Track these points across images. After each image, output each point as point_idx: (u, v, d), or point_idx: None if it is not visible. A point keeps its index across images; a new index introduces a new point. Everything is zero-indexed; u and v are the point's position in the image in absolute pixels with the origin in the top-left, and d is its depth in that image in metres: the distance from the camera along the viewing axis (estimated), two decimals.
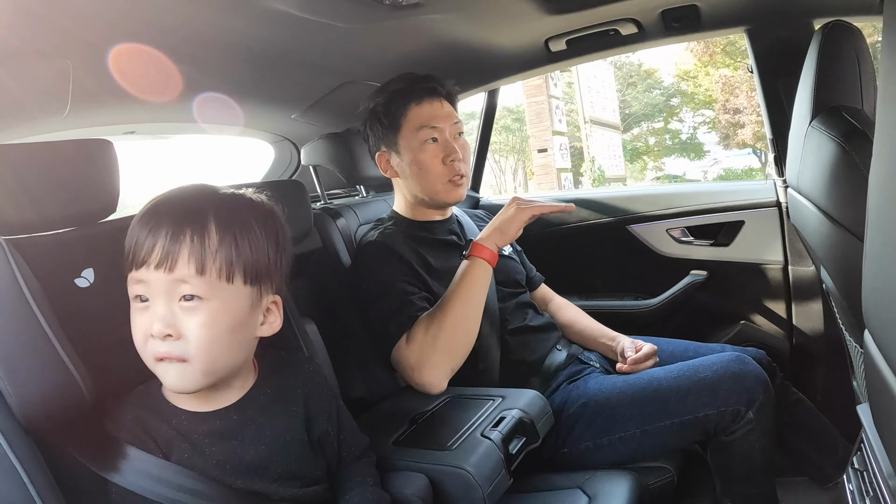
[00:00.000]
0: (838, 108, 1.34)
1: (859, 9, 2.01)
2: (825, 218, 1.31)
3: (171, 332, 0.99)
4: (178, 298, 1.00)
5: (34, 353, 0.97)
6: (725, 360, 1.64)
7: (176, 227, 1.00)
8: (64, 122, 1.70)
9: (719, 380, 1.59)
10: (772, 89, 2.21)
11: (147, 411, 1.07)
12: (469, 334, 1.63)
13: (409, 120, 1.82)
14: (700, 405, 1.58)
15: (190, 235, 1.00)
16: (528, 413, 1.48)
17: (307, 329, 1.49)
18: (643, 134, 24.54)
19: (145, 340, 1.01)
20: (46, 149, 1.16)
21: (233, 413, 1.10)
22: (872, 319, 0.88)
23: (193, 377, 1.02)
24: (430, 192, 1.85)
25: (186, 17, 1.42)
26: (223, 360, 1.05)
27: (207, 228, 1.01)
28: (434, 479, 1.31)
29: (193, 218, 1.01)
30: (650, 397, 1.62)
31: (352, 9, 1.56)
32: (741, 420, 1.56)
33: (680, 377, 1.63)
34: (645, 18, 2.10)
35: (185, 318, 1.00)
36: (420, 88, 1.84)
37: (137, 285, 1.01)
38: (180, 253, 0.99)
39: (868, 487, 1.19)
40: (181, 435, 1.05)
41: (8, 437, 0.95)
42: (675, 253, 2.56)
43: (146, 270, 0.99)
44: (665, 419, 1.60)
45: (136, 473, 1.01)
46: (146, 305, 1.01)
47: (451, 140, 1.84)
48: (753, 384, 1.58)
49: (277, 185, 1.80)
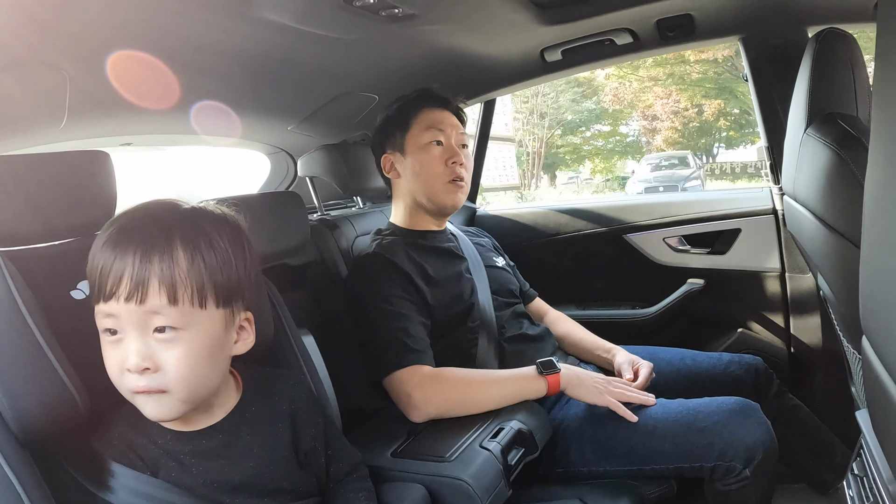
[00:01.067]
0: (833, 115, 1.34)
1: (853, 16, 2.02)
2: (821, 225, 1.31)
3: (148, 365, 0.96)
4: (151, 330, 0.97)
5: (29, 366, 0.96)
6: (727, 409, 1.56)
7: (143, 253, 0.96)
8: (61, 133, 1.70)
9: (718, 433, 1.51)
10: (767, 97, 2.22)
11: (134, 430, 1.05)
12: (481, 407, 1.61)
13: (420, 120, 1.88)
14: (695, 456, 1.52)
15: (158, 260, 0.96)
16: (526, 424, 1.48)
17: (304, 340, 1.48)
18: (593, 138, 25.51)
19: (121, 373, 0.98)
20: (43, 160, 1.15)
21: (218, 432, 1.09)
22: (870, 325, 0.88)
23: (173, 406, 1.00)
24: (429, 191, 1.87)
25: (184, 29, 1.43)
26: (202, 386, 1.03)
27: (174, 249, 0.98)
28: (433, 490, 1.30)
29: (160, 239, 0.97)
30: (644, 440, 1.57)
31: (348, 20, 1.56)
32: (737, 475, 1.49)
33: (678, 422, 1.57)
34: (640, 28, 2.11)
35: (161, 351, 0.97)
36: (435, 97, 1.92)
37: (107, 319, 0.97)
38: (150, 282, 0.95)
39: (868, 493, 1.19)
40: (167, 454, 1.04)
41: (3, 449, 0.95)
42: (672, 262, 2.57)
43: (115, 303, 0.96)
44: (659, 463, 1.56)
45: (127, 491, 1.00)
46: (118, 339, 0.97)
47: (456, 146, 1.88)
48: (753, 443, 1.49)
49: (274, 197, 1.80)
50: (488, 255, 2.06)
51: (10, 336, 0.96)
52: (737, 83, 20.10)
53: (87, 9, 1.22)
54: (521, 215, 2.89)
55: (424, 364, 1.62)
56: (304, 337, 1.52)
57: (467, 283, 1.86)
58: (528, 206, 2.96)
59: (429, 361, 1.63)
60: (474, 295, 1.85)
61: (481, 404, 1.58)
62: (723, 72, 20.22)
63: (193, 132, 2.07)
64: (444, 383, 1.60)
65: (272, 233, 1.64)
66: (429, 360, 1.63)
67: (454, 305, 1.80)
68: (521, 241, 2.77)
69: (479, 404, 1.58)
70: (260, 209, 1.66)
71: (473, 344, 1.80)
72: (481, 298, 1.86)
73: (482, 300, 1.86)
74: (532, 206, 2.98)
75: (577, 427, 1.66)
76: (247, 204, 1.64)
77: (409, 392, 1.57)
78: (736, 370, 1.89)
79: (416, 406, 1.57)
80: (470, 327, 1.81)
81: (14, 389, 0.95)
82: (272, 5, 1.40)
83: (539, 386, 1.63)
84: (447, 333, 1.78)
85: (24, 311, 0.98)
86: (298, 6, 1.44)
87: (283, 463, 1.14)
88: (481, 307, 1.84)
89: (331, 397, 1.49)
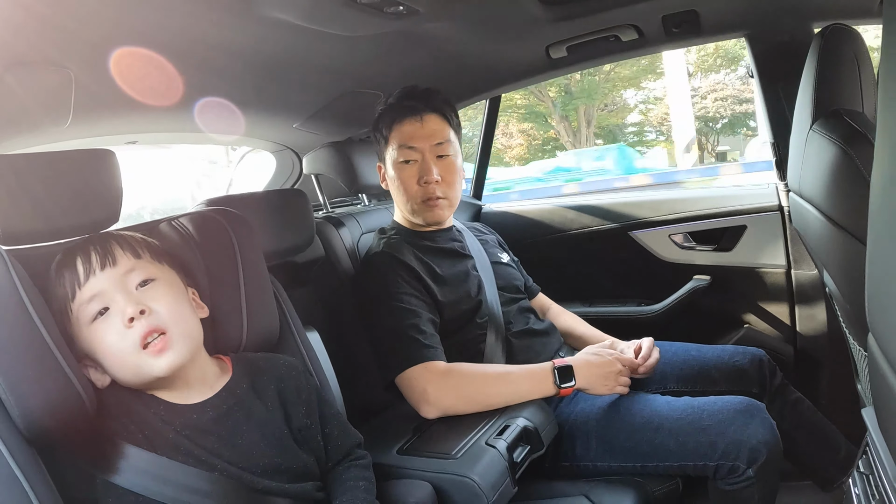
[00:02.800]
0: (839, 111, 1.34)
1: (858, 12, 2.01)
2: (827, 221, 1.31)
3: (143, 307, 1.09)
4: (133, 287, 1.12)
5: (36, 364, 0.97)
6: (732, 408, 1.55)
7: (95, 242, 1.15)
8: (66, 132, 1.70)
9: (722, 432, 1.51)
10: (772, 94, 2.21)
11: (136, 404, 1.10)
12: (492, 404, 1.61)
13: (392, 137, 1.85)
14: (699, 455, 1.52)
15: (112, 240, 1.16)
16: (532, 421, 1.48)
17: (310, 337, 1.49)
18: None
19: (122, 338, 1.08)
20: (49, 159, 1.16)
21: (208, 409, 1.14)
22: (876, 322, 0.88)
23: (179, 348, 1.11)
24: (406, 209, 1.88)
25: (189, 27, 1.43)
26: (193, 325, 1.17)
27: (111, 234, 1.20)
28: (439, 487, 1.31)
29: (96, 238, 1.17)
30: (649, 437, 1.57)
31: (353, 18, 1.56)
32: (740, 475, 1.49)
33: (682, 419, 1.56)
34: (645, 24, 2.10)
35: (147, 299, 1.11)
36: (402, 106, 1.84)
37: (94, 301, 1.09)
38: (114, 249, 1.13)
39: (874, 491, 1.19)
40: (164, 423, 1.10)
41: (10, 446, 0.95)
42: (677, 258, 2.56)
43: (94, 279, 1.10)
44: (663, 460, 1.56)
45: (134, 471, 1.03)
46: (110, 314, 1.09)
47: (432, 161, 1.82)
48: (758, 443, 1.48)
49: (280, 195, 1.80)
50: (493, 252, 2.06)
51: (17, 334, 0.96)
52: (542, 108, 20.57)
53: (92, 7, 1.22)
54: (526, 212, 2.89)
55: (438, 360, 1.62)
56: (309, 334, 1.52)
57: (474, 281, 1.87)
58: (533, 203, 2.95)
59: (441, 357, 1.63)
60: (482, 292, 1.85)
61: (492, 402, 1.58)
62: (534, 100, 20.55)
63: (199, 130, 2.07)
64: (459, 378, 1.60)
65: (278, 230, 1.64)
66: (441, 356, 1.63)
67: (463, 303, 1.80)
68: (526, 237, 2.77)
69: (491, 402, 1.58)
70: (266, 207, 1.66)
71: (482, 340, 1.80)
72: (489, 295, 1.86)
73: (489, 297, 1.86)
74: (537, 202, 2.97)
75: (583, 423, 1.66)
76: (253, 202, 1.65)
77: (424, 387, 1.57)
78: (740, 361, 1.88)
79: (430, 402, 1.57)
80: (478, 324, 1.81)
81: (20, 388, 0.95)
82: (277, 3, 1.40)
83: (550, 390, 1.63)
84: (456, 330, 1.78)
85: (30, 310, 0.98)
86: (303, 4, 1.44)
87: (276, 440, 1.17)
88: (489, 304, 1.84)
89: (336, 393, 1.50)
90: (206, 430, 1.11)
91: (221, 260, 1.32)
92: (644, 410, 1.62)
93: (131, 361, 1.08)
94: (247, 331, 1.31)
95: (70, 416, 1.01)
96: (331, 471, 1.26)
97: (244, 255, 1.34)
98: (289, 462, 1.16)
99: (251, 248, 1.37)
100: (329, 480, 1.24)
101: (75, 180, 1.17)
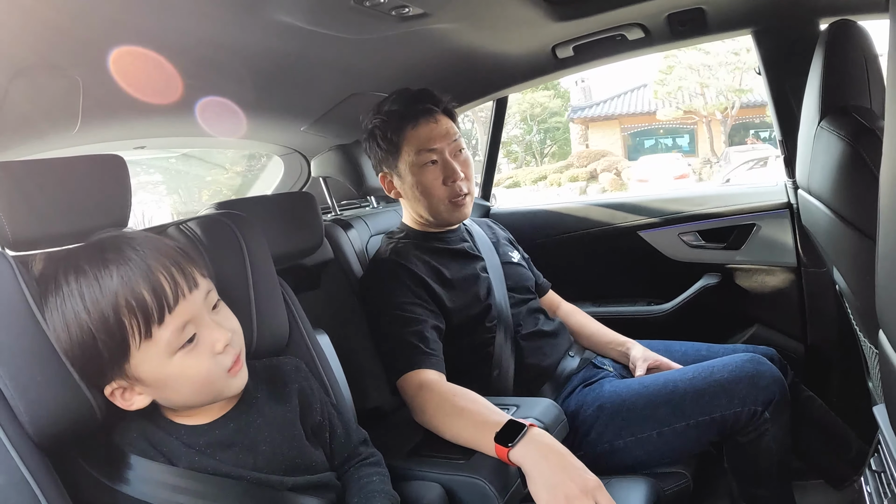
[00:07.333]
0: (847, 107, 1.33)
1: (866, 7, 2.00)
2: (836, 218, 1.30)
3: (228, 331, 1.05)
4: (211, 309, 1.06)
5: (45, 371, 0.97)
6: (740, 360, 1.64)
7: (174, 256, 1.03)
8: (75, 137, 1.72)
9: (735, 380, 1.59)
10: (780, 90, 2.21)
11: (152, 426, 1.08)
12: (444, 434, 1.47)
13: (408, 143, 1.79)
14: (716, 406, 1.58)
15: (182, 258, 1.04)
16: (542, 421, 1.48)
17: (319, 340, 1.49)
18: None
19: (216, 365, 1.04)
20: (58, 165, 1.16)
21: (229, 422, 1.12)
22: (887, 319, 0.87)
23: (244, 361, 1.10)
24: (433, 213, 1.84)
25: (196, 31, 1.43)
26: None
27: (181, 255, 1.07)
28: (449, 489, 1.31)
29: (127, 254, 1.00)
30: (666, 398, 1.62)
31: (359, 20, 1.56)
32: (758, 419, 1.56)
33: (695, 378, 1.63)
34: (651, 23, 2.09)
35: (221, 320, 1.07)
36: (415, 110, 1.80)
37: (187, 328, 1.01)
38: (185, 268, 1.03)
39: (886, 489, 1.18)
40: (186, 446, 1.07)
41: (21, 452, 0.95)
42: (687, 257, 2.56)
43: (184, 302, 1.00)
44: (681, 420, 1.60)
45: (143, 482, 1.02)
46: (195, 342, 1.02)
47: (451, 159, 1.81)
48: (769, 383, 1.58)
49: (288, 198, 1.80)
50: (504, 251, 2.06)
51: (26, 341, 0.96)
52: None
53: (100, 12, 1.23)
54: (535, 212, 2.89)
55: (431, 368, 1.58)
56: (319, 336, 1.52)
57: (484, 283, 1.86)
58: (542, 204, 2.95)
59: (437, 367, 1.60)
60: (491, 295, 1.85)
61: (444, 433, 1.46)
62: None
63: (207, 134, 2.08)
64: (429, 397, 1.52)
65: (287, 233, 1.64)
66: (437, 366, 1.60)
67: (472, 307, 1.80)
68: (536, 238, 2.77)
69: (443, 432, 1.47)
70: (275, 210, 1.67)
71: (491, 342, 1.80)
72: (498, 297, 1.85)
73: (499, 299, 1.85)
74: (546, 203, 2.97)
75: (594, 410, 1.69)
76: (261, 205, 1.65)
77: (413, 395, 1.55)
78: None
79: (413, 410, 1.55)
80: (487, 327, 1.81)
81: (30, 394, 0.95)
82: (283, 7, 1.41)
83: (489, 445, 1.32)
84: (465, 334, 1.78)
85: (38, 317, 0.98)
86: (309, 7, 1.44)
87: (294, 441, 1.17)
88: (498, 306, 1.84)
89: (346, 396, 1.50)
90: (229, 443, 1.10)
91: (230, 263, 1.32)
92: (657, 381, 1.69)
93: (217, 386, 1.06)
94: (256, 334, 1.31)
95: (80, 422, 1.01)
96: (343, 472, 1.26)
97: (253, 259, 1.34)
98: (305, 460, 1.17)
99: (260, 251, 1.37)
100: (343, 482, 1.24)
101: (84, 186, 1.17)
